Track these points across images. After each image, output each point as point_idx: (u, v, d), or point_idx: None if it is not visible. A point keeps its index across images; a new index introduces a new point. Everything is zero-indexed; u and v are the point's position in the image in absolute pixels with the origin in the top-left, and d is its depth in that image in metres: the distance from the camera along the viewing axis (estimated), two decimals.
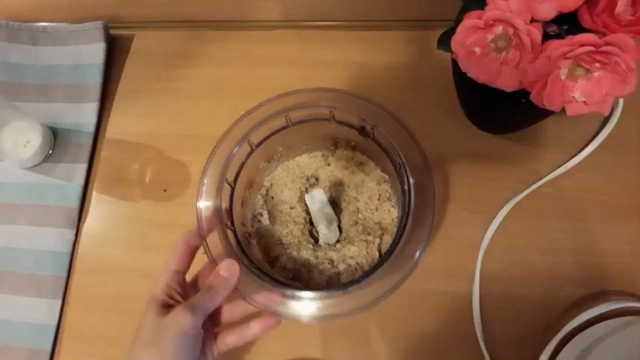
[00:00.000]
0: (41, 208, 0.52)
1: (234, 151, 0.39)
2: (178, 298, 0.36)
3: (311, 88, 0.40)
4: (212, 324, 0.38)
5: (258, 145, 0.42)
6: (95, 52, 0.57)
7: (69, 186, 0.53)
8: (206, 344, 0.36)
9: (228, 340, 0.37)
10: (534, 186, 0.47)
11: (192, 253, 0.38)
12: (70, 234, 0.51)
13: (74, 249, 0.51)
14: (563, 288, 0.44)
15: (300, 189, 0.46)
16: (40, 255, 0.51)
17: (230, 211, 0.40)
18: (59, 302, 0.49)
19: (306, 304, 0.35)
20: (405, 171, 0.37)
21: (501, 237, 0.46)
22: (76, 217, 0.52)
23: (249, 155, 0.41)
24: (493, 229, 0.46)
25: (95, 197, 0.53)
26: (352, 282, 0.35)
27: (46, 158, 0.55)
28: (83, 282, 0.50)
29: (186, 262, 0.38)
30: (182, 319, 0.33)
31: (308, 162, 0.47)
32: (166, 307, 0.35)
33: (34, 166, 0.54)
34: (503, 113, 0.45)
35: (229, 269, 0.35)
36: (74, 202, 0.52)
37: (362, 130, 0.41)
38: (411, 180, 0.37)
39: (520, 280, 0.45)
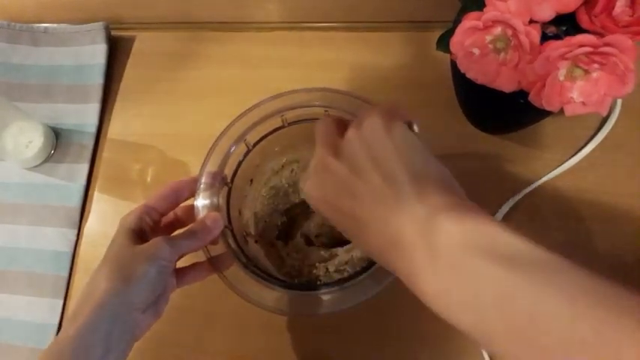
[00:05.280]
0: (43, 208, 0.53)
1: (231, 151, 0.40)
2: (149, 232, 0.36)
3: (305, 89, 0.40)
4: (175, 274, 0.37)
5: (254, 145, 0.42)
6: (96, 53, 0.58)
7: (70, 186, 0.53)
8: (167, 287, 0.36)
9: (186, 278, 0.38)
10: (533, 186, 0.47)
11: (176, 199, 0.38)
12: (72, 234, 0.51)
13: (75, 249, 0.51)
14: None
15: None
16: (41, 255, 0.51)
17: (227, 210, 0.40)
18: (60, 302, 0.49)
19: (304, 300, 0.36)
20: None
21: None
22: (78, 217, 0.52)
23: (245, 155, 0.42)
24: None
25: (97, 197, 0.53)
26: (342, 280, 0.36)
27: (48, 158, 0.55)
28: (84, 282, 0.49)
29: (166, 204, 0.38)
30: (161, 249, 0.33)
31: None
32: (139, 237, 0.35)
33: (36, 166, 0.54)
34: (502, 114, 0.45)
35: (214, 221, 0.36)
36: (76, 202, 0.52)
37: None
38: None
39: None
